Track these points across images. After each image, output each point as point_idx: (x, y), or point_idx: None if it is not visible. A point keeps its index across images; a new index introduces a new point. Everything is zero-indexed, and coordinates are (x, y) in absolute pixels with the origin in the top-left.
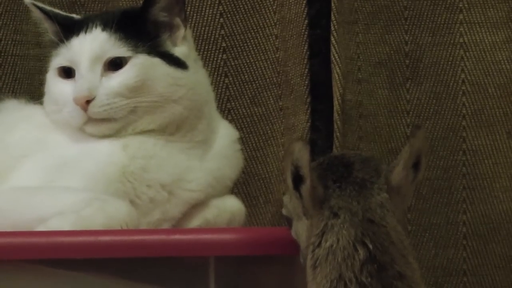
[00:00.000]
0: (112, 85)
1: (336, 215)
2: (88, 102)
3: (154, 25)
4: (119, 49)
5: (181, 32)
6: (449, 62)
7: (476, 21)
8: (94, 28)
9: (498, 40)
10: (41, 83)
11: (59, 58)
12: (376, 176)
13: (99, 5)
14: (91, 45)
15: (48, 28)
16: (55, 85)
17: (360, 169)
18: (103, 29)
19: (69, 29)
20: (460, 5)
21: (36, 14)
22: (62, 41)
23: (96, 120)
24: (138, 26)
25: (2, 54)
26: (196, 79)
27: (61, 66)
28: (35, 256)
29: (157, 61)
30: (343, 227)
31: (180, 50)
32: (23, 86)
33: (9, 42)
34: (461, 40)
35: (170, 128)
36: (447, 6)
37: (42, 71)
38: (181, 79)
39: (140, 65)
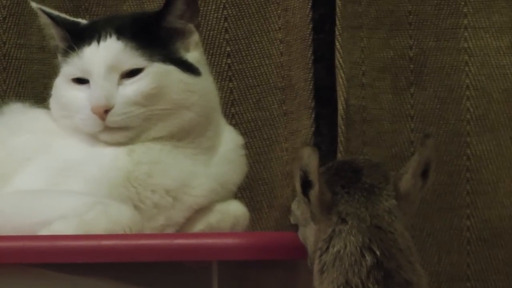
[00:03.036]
0: (128, 93)
1: (344, 221)
2: (106, 111)
3: (168, 31)
4: (135, 59)
5: (194, 38)
6: (454, 67)
7: (480, 26)
8: (108, 37)
9: (502, 45)
10: (45, 87)
11: (71, 68)
12: (384, 182)
13: (103, 9)
14: (106, 55)
15: (54, 34)
16: (67, 91)
17: (369, 175)
18: (118, 38)
19: (78, 36)
20: (465, 10)
21: (43, 19)
22: (72, 49)
23: (112, 128)
24: (152, 33)
25: (6, 57)
26: (207, 85)
27: (74, 78)
28: (37, 260)
29: (171, 69)
30: (351, 233)
31: (193, 56)
32: (27, 90)
33: (13, 45)
34: (465, 45)
35: (180, 134)
36: (452, 11)
37: (46, 75)
38: (194, 85)
39: (155, 73)
